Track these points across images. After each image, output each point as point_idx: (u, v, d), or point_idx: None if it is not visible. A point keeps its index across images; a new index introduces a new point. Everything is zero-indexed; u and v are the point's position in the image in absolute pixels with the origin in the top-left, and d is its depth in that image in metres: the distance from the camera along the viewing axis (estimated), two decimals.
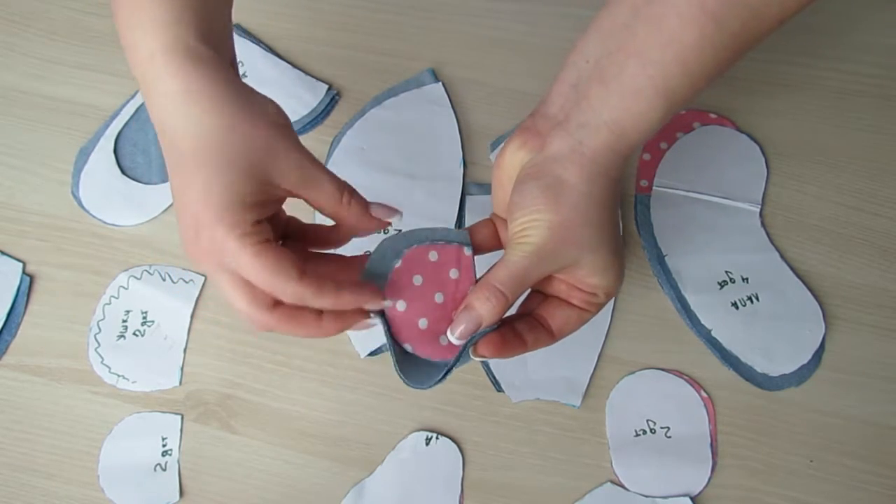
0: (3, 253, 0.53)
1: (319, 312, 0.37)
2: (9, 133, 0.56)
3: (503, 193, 0.40)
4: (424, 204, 0.54)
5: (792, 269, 0.52)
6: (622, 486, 0.48)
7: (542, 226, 0.36)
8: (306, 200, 0.37)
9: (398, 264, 0.39)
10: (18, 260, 0.53)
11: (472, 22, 0.59)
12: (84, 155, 0.55)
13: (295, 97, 0.56)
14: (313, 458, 0.49)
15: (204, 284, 0.52)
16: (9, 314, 0.51)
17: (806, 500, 0.48)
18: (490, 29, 0.59)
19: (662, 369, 0.50)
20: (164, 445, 0.49)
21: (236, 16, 0.59)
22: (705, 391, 0.50)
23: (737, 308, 0.51)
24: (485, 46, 0.58)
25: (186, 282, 0.52)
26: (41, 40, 0.59)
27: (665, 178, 0.54)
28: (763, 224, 0.53)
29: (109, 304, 0.51)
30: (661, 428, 0.49)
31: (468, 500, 0.48)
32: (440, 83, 0.57)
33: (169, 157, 0.36)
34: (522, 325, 0.39)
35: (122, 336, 0.51)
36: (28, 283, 0.52)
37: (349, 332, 0.51)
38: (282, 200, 0.37)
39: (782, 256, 0.52)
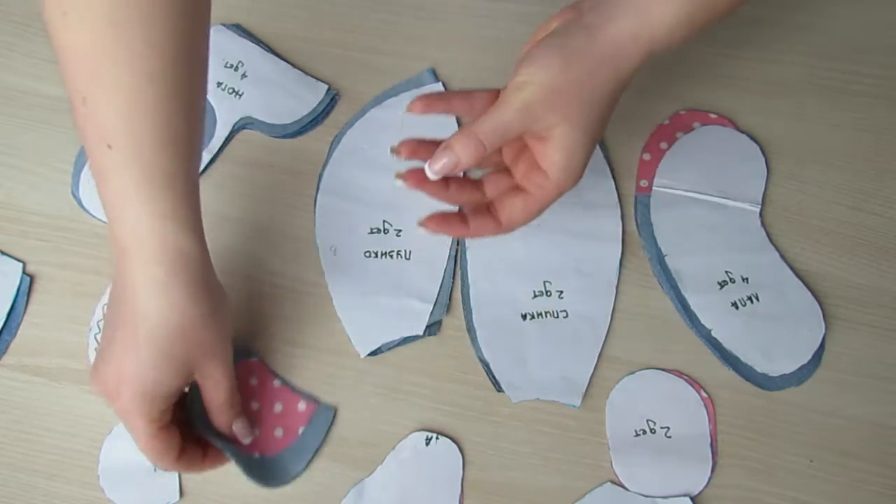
0: (3, 253, 0.53)
1: (204, 456, 0.44)
2: (9, 133, 0.56)
3: None
4: (424, 204, 0.54)
5: (792, 269, 0.52)
6: (622, 486, 0.48)
7: (538, 83, 0.38)
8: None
9: None
10: (18, 260, 0.53)
11: (472, 22, 0.59)
12: (84, 155, 0.55)
13: (295, 97, 0.56)
14: (313, 458, 0.49)
15: None
16: (9, 314, 0.51)
17: (806, 500, 0.48)
18: (490, 29, 0.59)
19: (662, 369, 0.50)
20: None
21: (236, 16, 0.60)
22: (705, 391, 0.50)
23: (737, 308, 0.51)
24: (485, 46, 0.58)
25: None
26: (41, 40, 0.59)
27: (665, 178, 0.54)
28: (763, 224, 0.53)
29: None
30: (661, 428, 0.49)
31: (468, 500, 0.48)
32: (440, 83, 0.57)
33: (122, 311, 0.39)
34: (469, 210, 0.42)
35: None
36: (28, 283, 0.52)
37: (349, 332, 0.51)
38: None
39: (782, 256, 0.52)
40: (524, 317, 0.51)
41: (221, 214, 0.54)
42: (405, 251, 0.53)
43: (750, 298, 0.51)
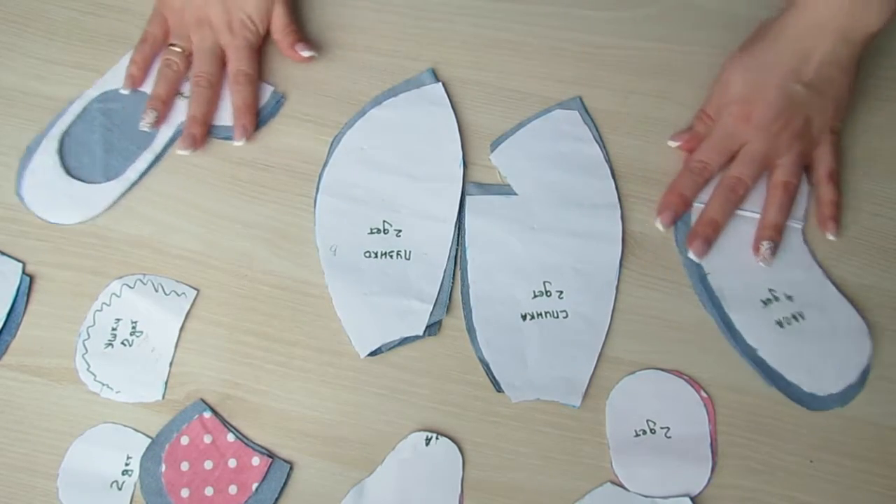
0: (3, 253, 0.53)
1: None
2: (9, 133, 0.56)
3: None
4: (424, 204, 0.54)
5: (836, 286, 0.51)
6: (622, 486, 0.48)
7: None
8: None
9: (164, 469, 0.47)
10: (18, 260, 0.53)
11: (472, 22, 0.59)
12: (29, 154, 0.55)
13: None
14: (313, 458, 0.49)
15: (197, 297, 0.52)
16: (9, 314, 0.51)
17: (806, 500, 0.48)
18: (490, 29, 0.59)
19: (662, 369, 0.50)
20: (126, 464, 0.48)
21: None
22: (705, 391, 0.50)
23: (781, 327, 0.50)
24: (485, 46, 0.58)
25: (178, 294, 0.51)
26: (41, 40, 0.59)
27: (705, 194, 0.53)
28: (805, 240, 0.53)
29: (101, 310, 0.51)
30: (661, 428, 0.49)
31: (468, 501, 0.48)
32: (440, 83, 0.57)
33: None
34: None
35: (110, 344, 0.50)
36: (28, 284, 0.52)
37: (349, 332, 0.51)
38: None
39: (826, 273, 0.52)
40: (524, 317, 0.51)
41: (221, 214, 0.54)
42: (405, 251, 0.53)
43: (795, 317, 0.50)
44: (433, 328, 0.51)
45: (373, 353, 0.50)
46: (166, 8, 0.56)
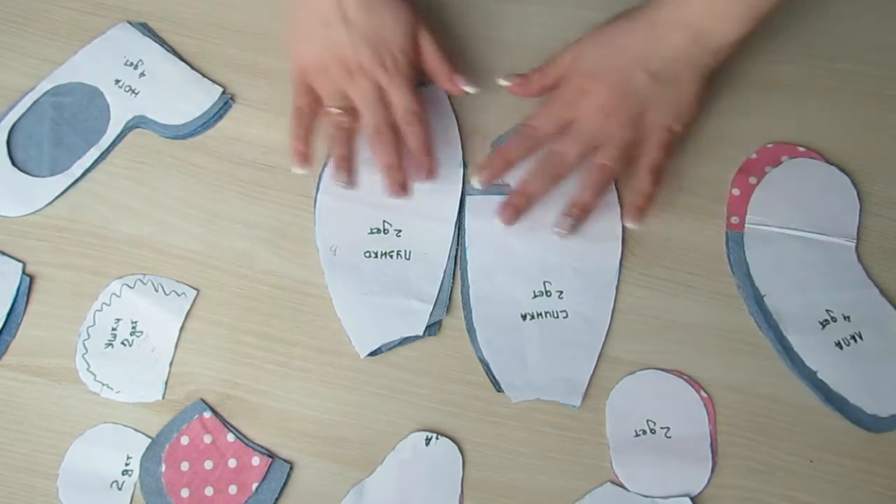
0: (3, 253, 0.53)
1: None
2: None
3: None
4: (424, 204, 0.54)
5: (893, 305, 0.51)
6: (622, 486, 0.48)
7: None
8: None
9: (164, 469, 0.47)
10: (18, 260, 0.53)
11: (473, 22, 0.59)
12: None
13: (188, 99, 0.57)
14: (313, 458, 0.49)
15: (197, 297, 0.52)
16: (9, 314, 0.51)
17: (806, 500, 0.48)
18: (490, 29, 0.59)
19: (662, 369, 0.50)
20: (126, 464, 0.48)
21: (245, 15, 0.59)
22: (705, 391, 0.50)
23: (841, 348, 0.49)
24: (485, 46, 0.58)
25: (178, 294, 0.52)
26: (41, 40, 0.59)
27: (757, 214, 0.53)
28: (860, 259, 0.52)
29: (101, 310, 0.51)
30: (661, 428, 0.49)
31: (468, 501, 0.48)
32: None
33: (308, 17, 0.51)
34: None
35: (110, 344, 0.50)
36: (28, 284, 0.52)
37: (349, 332, 0.51)
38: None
39: (882, 292, 0.51)
40: (524, 317, 0.51)
41: (221, 214, 0.54)
42: (405, 251, 0.53)
43: (853, 337, 0.50)
44: (433, 328, 0.51)
45: (373, 353, 0.50)
46: (308, 76, 0.52)
